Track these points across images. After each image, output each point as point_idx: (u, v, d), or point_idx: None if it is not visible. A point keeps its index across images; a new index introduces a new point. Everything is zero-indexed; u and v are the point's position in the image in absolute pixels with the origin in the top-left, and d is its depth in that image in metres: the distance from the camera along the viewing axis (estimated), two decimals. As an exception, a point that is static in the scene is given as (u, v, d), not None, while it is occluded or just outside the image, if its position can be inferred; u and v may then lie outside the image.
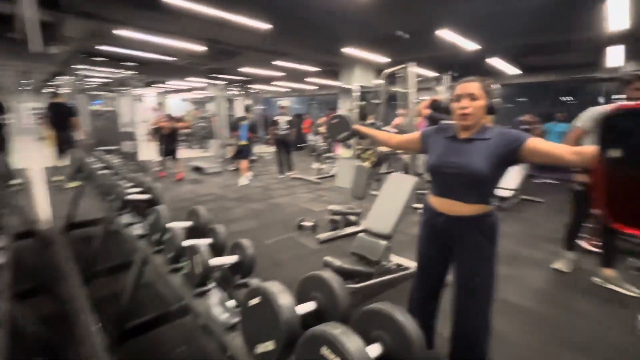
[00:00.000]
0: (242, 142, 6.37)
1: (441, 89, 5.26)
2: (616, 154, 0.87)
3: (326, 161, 7.57)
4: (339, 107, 9.71)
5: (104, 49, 7.23)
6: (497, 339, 1.52)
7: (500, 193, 4.75)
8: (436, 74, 5.31)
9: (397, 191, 2.42)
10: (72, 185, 5.37)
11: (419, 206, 4.29)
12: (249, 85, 11.34)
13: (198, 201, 4.97)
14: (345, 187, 5.89)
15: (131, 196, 1.91)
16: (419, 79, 4.88)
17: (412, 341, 0.69)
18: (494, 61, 7.55)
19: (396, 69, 4.71)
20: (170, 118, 6.72)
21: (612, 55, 6.58)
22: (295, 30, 6.08)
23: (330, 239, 3.45)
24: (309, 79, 11.24)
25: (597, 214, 3.19)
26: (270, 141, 8.90)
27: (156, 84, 14.82)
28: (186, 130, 11.78)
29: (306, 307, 0.84)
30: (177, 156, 6.63)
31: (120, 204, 1.89)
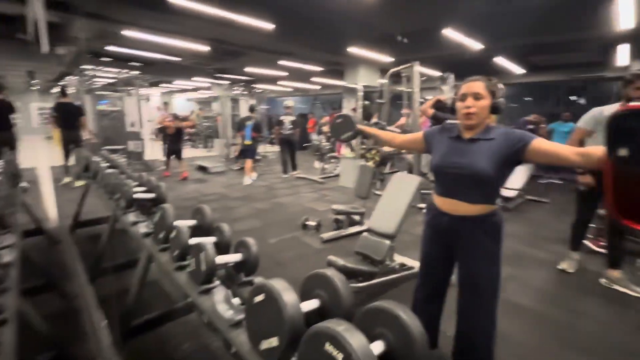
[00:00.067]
0: (247, 142, 6.40)
1: (446, 88, 5.24)
2: (624, 153, 0.88)
3: (330, 161, 7.57)
4: (343, 106, 9.70)
5: (110, 49, 7.29)
6: (502, 339, 1.52)
7: (505, 193, 4.72)
8: (440, 74, 5.28)
9: (401, 191, 2.42)
10: (79, 184, 5.45)
11: (423, 206, 4.28)
12: (253, 85, 11.35)
13: (202, 200, 5.00)
14: (349, 186, 5.92)
15: (137, 195, 1.94)
16: (423, 78, 4.87)
17: (415, 339, 0.70)
18: (500, 60, 7.49)
19: (400, 68, 4.70)
20: (175, 117, 6.75)
21: (620, 55, 6.51)
22: (300, 30, 6.09)
23: (334, 238, 3.46)
24: (314, 78, 11.23)
25: (603, 214, 3.18)
26: (275, 141, 8.92)
27: (161, 84, 14.92)
28: (191, 130, 11.84)
29: (310, 305, 0.85)
30: (182, 156, 6.67)
31: (126, 202, 1.92)
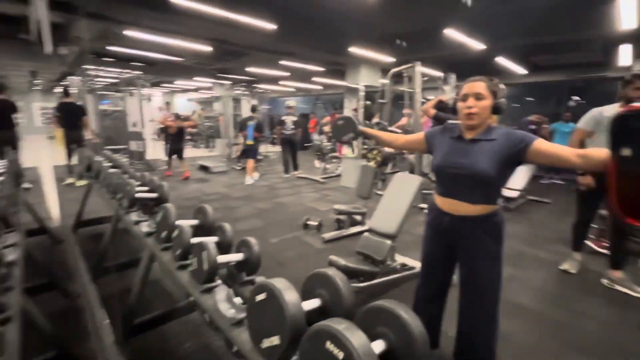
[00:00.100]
0: (249, 142, 6.42)
1: (448, 88, 5.24)
2: (627, 152, 0.89)
3: (332, 161, 7.58)
4: (344, 106, 9.70)
5: (112, 49, 7.31)
6: (503, 339, 1.52)
7: (506, 193, 4.72)
8: (442, 74, 5.28)
9: (402, 191, 2.42)
10: (81, 183, 5.47)
11: (424, 206, 4.28)
12: (255, 85, 11.37)
13: (204, 200, 5.02)
14: (350, 186, 5.92)
15: (139, 195, 1.95)
16: (425, 78, 4.87)
17: (416, 338, 0.70)
18: (502, 60, 7.48)
19: (402, 68, 4.70)
20: (177, 117, 6.77)
21: (622, 55, 6.51)
22: (301, 30, 6.09)
23: (335, 238, 3.46)
24: (315, 78, 11.24)
25: (605, 214, 3.17)
26: (277, 141, 8.93)
27: (163, 84, 14.96)
28: (193, 130, 11.86)
29: (311, 304, 0.86)
30: (183, 155, 6.69)
31: (128, 202, 1.93)
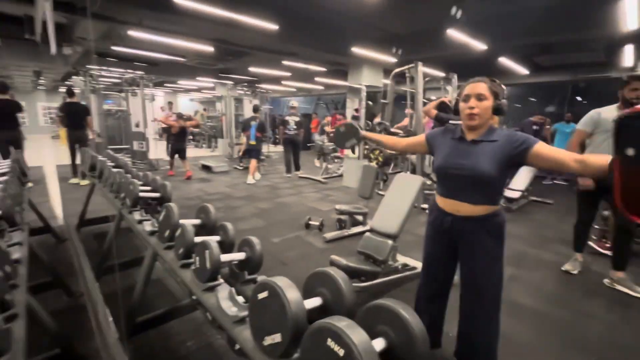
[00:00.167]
0: (252, 142, 6.47)
1: (450, 88, 5.24)
2: (631, 152, 0.90)
3: (333, 161, 7.58)
4: (347, 106, 9.70)
5: (115, 49, 7.35)
6: (504, 339, 1.52)
7: (508, 194, 4.71)
8: (444, 74, 5.28)
9: (403, 191, 2.42)
10: (85, 183, 5.50)
11: (425, 206, 4.28)
12: (257, 85, 11.40)
13: (206, 199, 5.04)
14: (352, 186, 5.93)
15: (142, 194, 1.96)
16: (427, 79, 4.87)
17: (416, 337, 0.71)
18: (504, 60, 7.47)
19: (404, 68, 4.71)
20: (179, 117, 6.80)
21: (626, 55, 6.48)
22: (303, 30, 6.11)
23: (337, 238, 3.47)
24: (317, 78, 11.25)
25: (607, 215, 3.16)
26: (279, 140, 8.95)
27: (166, 84, 15.01)
28: (195, 130, 11.90)
29: (312, 302, 0.86)
30: (186, 155, 6.72)
31: (132, 201, 1.94)
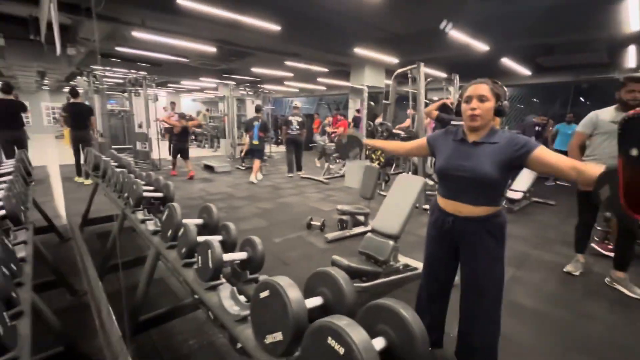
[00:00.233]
0: (255, 142, 6.50)
1: (452, 89, 5.24)
2: (635, 153, 0.91)
3: (335, 161, 7.59)
4: (349, 107, 9.71)
5: (119, 49, 7.39)
6: (506, 340, 1.53)
7: (511, 195, 4.70)
8: (445, 75, 5.28)
9: (405, 192, 2.43)
10: (88, 182, 5.54)
11: (427, 207, 4.28)
12: (259, 86, 11.43)
13: (208, 199, 5.05)
14: (354, 187, 5.93)
15: (145, 194, 1.98)
16: (429, 79, 4.87)
17: (415, 336, 0.71)
18: (507, 61, 7.46)
19: (406, 69, 4.71)
20: (181, 117, 6.82)
21: (630, 56, 6.46)
22: (305, 31, 6.13)
23: (339, 238, 3.47)
24: (319, 79, 11.28)
25: (610, 216, 3.15)
26: (281, 141, 8.97)
27: (169, 84, 15.07)
28: (198, 130, 11.94)
29: (313, 302, 0.87)
30: (188, 155, 6.75)
31: (135, 201, 1.96)
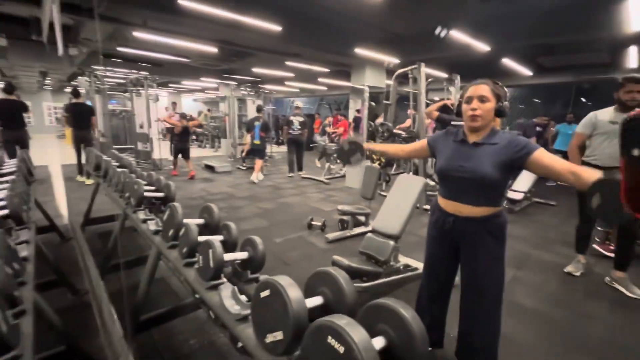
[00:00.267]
0: (256, 142, 6.52)
1: (453, 89, 5.24)
2: (637, 153, 0.92)
3: (336, 161, 7.59)
4: (349, 107, 9.71)
5: (120, 50, 7.41)
6: (506, 340, 1.53)
7: (511, 195, 4.70)
8: (446, 75, 5.27)
9: (406, 192, 2.43)
10: (90, 182, 5.55)
11: (428, 207, 4.28)
12: (260, 86, 11.44)
13: (209, 199, 5.06)
14: (354, 187, 5.94)
15: (146, 194, 1.98)
16: (429, 80, 4.87)
17: (415, 335, 0.71)
18: (508, 62, 7.45)
19: (407, 69, 4.72)
20: (182, 117, 6.84)
21: (631, 56, 6.45)
22: (306, 31, 6.14)
23: (339, 238, 3.48)
24: (320, 79, 11.28)
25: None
26: (282, 141, 8.97)
27: (170, 84, 15.10)
28: (198, 130, 11.95)
29: (314, 301, 0.88)
30: (189, 155, 6.77)
31: (136, 201, 1.96)
